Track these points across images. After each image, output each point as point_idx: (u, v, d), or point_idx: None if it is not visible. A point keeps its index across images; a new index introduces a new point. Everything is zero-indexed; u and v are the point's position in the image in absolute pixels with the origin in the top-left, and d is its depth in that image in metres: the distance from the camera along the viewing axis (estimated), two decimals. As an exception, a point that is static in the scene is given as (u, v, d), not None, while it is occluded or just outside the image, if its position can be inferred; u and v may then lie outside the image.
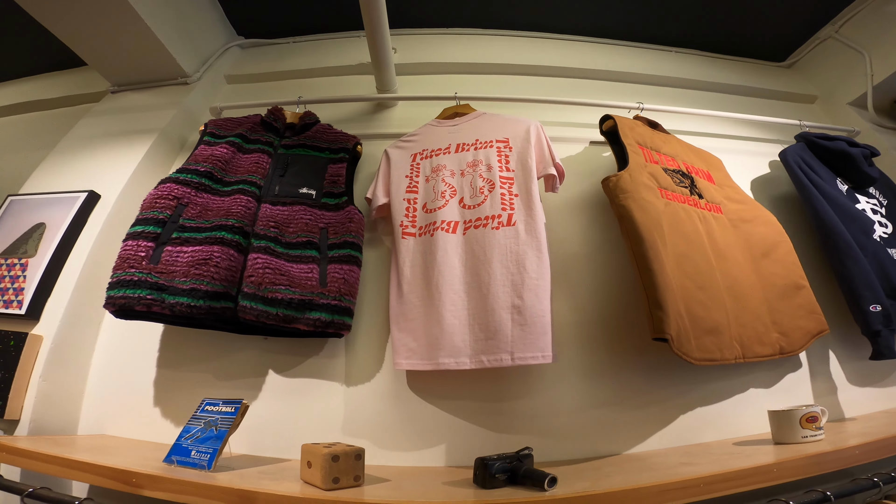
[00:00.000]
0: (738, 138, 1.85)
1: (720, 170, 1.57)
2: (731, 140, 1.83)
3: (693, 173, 1.45)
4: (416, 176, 1.35)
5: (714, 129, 1.84)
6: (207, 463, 0.90)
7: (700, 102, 1.92)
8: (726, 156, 1.66)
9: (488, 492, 0.83)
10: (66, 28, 1.58)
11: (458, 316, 1.10)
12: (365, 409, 1.20)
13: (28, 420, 1.16)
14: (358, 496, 0.81)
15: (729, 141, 1.82)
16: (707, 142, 1.74)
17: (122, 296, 1.04)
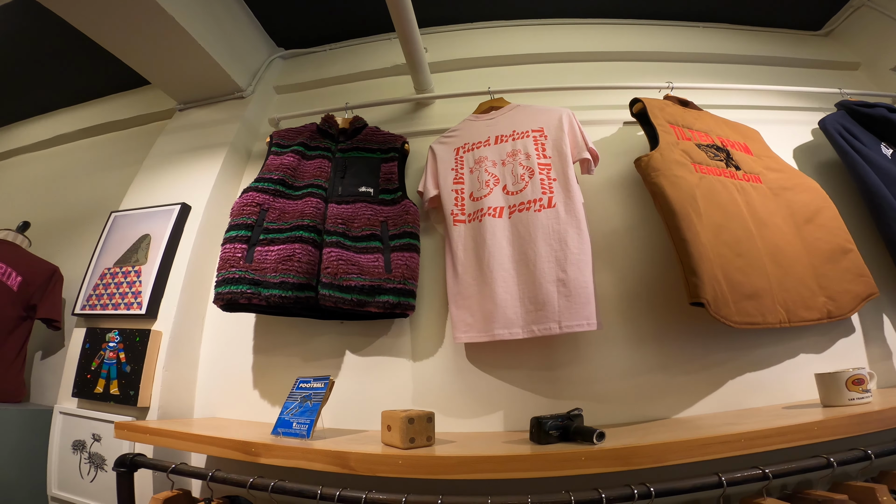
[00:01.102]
0: (777, 108, 1.90)
1: (757, 141, 1.64)
2: (769, 111, 1.88)
3: (728, 146, 1.53)
4: (460, 168, 1.52)
5: (750, 101, 1.89)
6: (307, 432, 1.10)
7: (733, 76, 1.98)
8: (765, 126, 1.73)
9: (543, 447, 0.99)
10: (131, 53, 1.79)
11: (509, 291, 1.27)
12: (430, 381, 1.40)
13: (157, 406, 1.42)
14: (430, 453, 1.00)
15: (767, 112, 1.88)
16: (744, 114, 1.80)
17: (228, 291, 1.29)
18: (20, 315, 1.75)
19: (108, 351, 1.49)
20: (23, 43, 2.12)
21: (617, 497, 0.90)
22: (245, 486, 1.05)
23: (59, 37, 2.05)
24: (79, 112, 2.54)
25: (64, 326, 1.85)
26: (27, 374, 1.83)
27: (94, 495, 1.40)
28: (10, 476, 1.52)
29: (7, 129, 2.75)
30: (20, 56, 2.20)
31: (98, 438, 1.44)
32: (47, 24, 1.92)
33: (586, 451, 0.91)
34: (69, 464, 1.47)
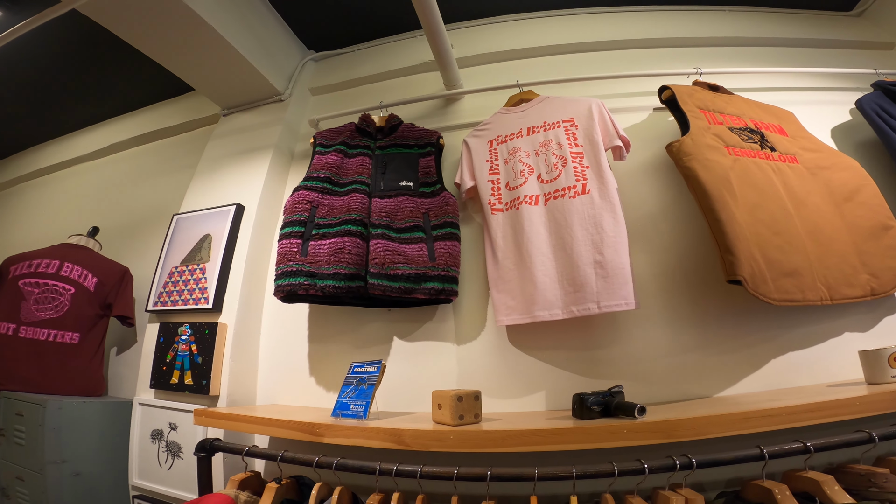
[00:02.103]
0: (811, 90, 1.87)
1: (792, 122, 1.64)
2: (802, 93, 1.86)
3: (762, 129, 1.54)
4: (495, 159, 1.58)
5: (782, 83, 1.87)
6: (363, 412, 1.19)
7: (764, 60, 1.95)
8: (799, 108, 1.71)
9: (585, 422, 1.04)
10: (176, 62, 1.90)
11: (548, 275, 1.33)
12: (474, 364, 1.48)
13: (225, 394, 1.55)
14: (478, 428, 1.07)
15: (800, 94, 1.86)
16: (776, 96, 1.79)
17: (287, 284, 1.41)
18: (97, 313, 1.92)
19: (181, 343, 1.62)
20: (74, 56, 2.27)
21: (659, 467, 0.95)
22: (311, 464, 1.14)
23: (107, 49, 2.18)
24: (129, 121, 2.71)
25: (136, 323, 2.01)
26: (104, 370, 2.00)
27: (172, 482, 1.52)
28: (95, 468, 1.66)
29: (65, 139, 2.97)
30: (73, 69, 2.36)
31: (174, 427, 1.56)
32: (95, 36, 2.03)
33: (628, 424, 0.96)
34: (148, 453, 1.60)
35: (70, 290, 1.87)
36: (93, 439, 1.69)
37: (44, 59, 2.29)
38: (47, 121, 2.87)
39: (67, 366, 1.82)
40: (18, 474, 1.61)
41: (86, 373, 1.87)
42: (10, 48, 1.81)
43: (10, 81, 2.44)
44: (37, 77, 2.42)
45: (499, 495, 1.10)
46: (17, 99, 2.61)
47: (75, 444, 1.64)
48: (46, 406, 1.59)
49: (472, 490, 1.15)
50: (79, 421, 1.67)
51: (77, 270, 1.91)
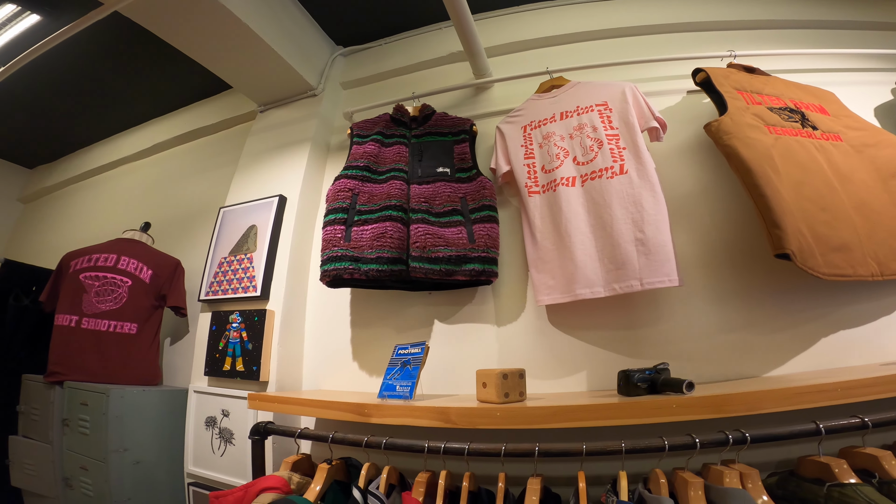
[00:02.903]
0: (851, 71, 1.78)
1: (833, 102, 1.58)
2: (841, 73, 1.77)
3: (803, 108, 1.49)
4: (530, 144, 1.58)
5: (820, 65, 1.78)
6: (409, 393, 1.21)
7: (799, 41, 1.86)
8: (840, 88, 1.64)
9: (632, 398, 1.02)
10: (215, 61, 1.95)
11: (588, 253, 1.33)
12: (515, 345, 1.49)
13: (274, 380, 1.60)
14: (523, 405, 1.08)
15: (839, 74, 1.76)
16: (814, 77, 1.71)
17: (333, 268, 1.45)
18: (153, 304, 2.01)
19: (232, 331, 1.69)
20: (116, 58, 2.36)
21: (711, 441, 0.94)
22: (361, 444, 1.18)
23: (143, 51, 2.26)
24: (170, 121, 2.81)
25: (188, 313, 2.10)
26: (160, 360, 2.09)
27: (225, 469, 1.58)
28: (153, 457, 1.73)
29: (111, 141, 3.10)
30: (115, 71, 2.45)
31: (227, 414, 1.62)
32: (133, 38, 2.12)
33: (677, 399, 0.95)
34: (202, 440, 1.66)
35: (127, 283, 1.97)
36: (151, 428, 1.76)
37: (87, 63, 2.38)
38: (93, 123, 3.00)
39: (127, 356, 1.91)
40: (82, 464, 1.68)
41: (144, 362, 1.96)
42: (55, 52, 1.90)
43: (58, 85, 2.56)
44: (82, 80, 2.52)
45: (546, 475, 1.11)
46: (65, 102, 2.73)
47: (135, 432, 1.70)
48: (109, 395, 1.66)
49: (519, 468, 1.17)
50: (138, 409, 1.74)
51: (133, 263, 2.00)
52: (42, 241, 3.17)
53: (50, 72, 2.41)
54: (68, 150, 3.37)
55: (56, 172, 3.40)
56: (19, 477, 1.93)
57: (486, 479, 1.21)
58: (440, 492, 1.08)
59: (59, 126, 3.02)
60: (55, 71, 2.42)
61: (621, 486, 0.95)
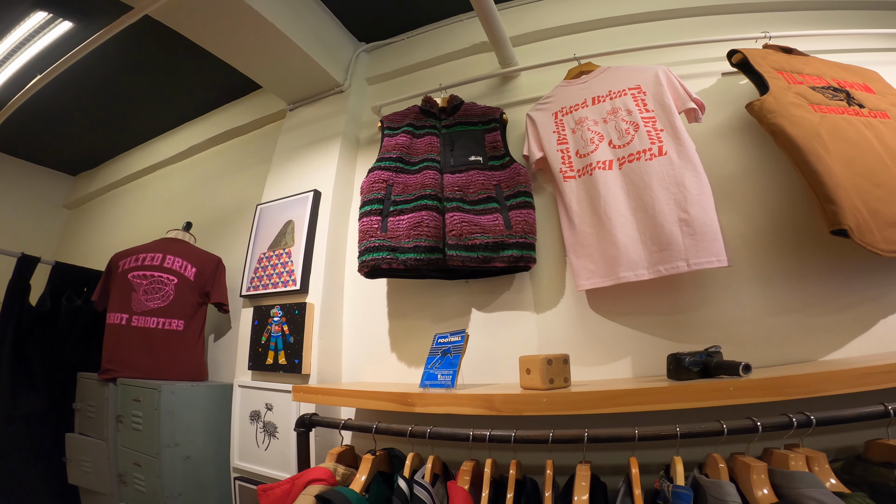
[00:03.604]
0: (891, 50, 1.64)
1: (878, 81, 1.49)
2: (883, 53, 1.64)
3: (847, 87, 1.41)
4: (562, 130, 1.55)
5: (861, 45, 1.66)
6: (451, 381, 1.19)
7: (837, 22, 1.73)
8: (883, 68, 1.53)
9: (684, 382, 0.97)
10: (244, 62, 1.97)
11: (629, 236, 1.29)
12: (555, 331, 1.46)
13: (315, 372, 1.61)
14: (569, 391, 1.05)
15: (881, 54, 1.64)
16: (855, 57, 1.59)
17: (371, 259, 1.45)
18: (198, 301, 2.06)
19: (274, 325, 1.71)
20: (148, 63, 2.41)
21: (773, 425, 0.89)
22: (405, 434, 1.17)
23: (177, 54, 2.30)
24: (203, 123, 2.87)
25: (230, 310, 2.14)
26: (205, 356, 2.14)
27: (269, 462, 1.59)
28: (201, 451, 1.76)
29: (148, 146, 3.19)
30: (148, 76, 2.51)
31: (270, 407, 1.64)
32: (166, 42, 2.15)
33: (734, 382, 0.90)
34: (247, 434, 1.68)
35: (173, 281, 2.02)
36: (199, 423, 1.79)
37: (121, 69, 2.44)
38: (130, 129, 3.09)
39: (175, 352, 1.96)
40: (136, 460, 1.72)
41: (191, 358, 2.01)
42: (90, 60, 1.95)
43: (94, 93, 2.63)
44: (116, 87, 2.59)
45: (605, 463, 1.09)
46: (101, 109, 2.81)
47: (185, 428, 1.74)
48: (161, 390, 1.70)
49: (567, 456, 1.15)
50: (188, 405, 1.77)
51: (178, 262, 2.06)
52: (88, 245, 3.29)
53: (86, 80, 2.48)
54: (108, 157, 3.48)
55: (98, 178, 3.53)
56: (76, 474, 2.00)
57: (530, 468, 1.19)
58: (486, 480, 1.07)
59: (97, 133, 3.12)
60: (91, 79, 2.49)
61: (677, 471, 0.91)
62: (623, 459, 1.15)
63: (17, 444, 2.02)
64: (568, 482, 1.10)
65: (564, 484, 1.11)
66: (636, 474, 0.96)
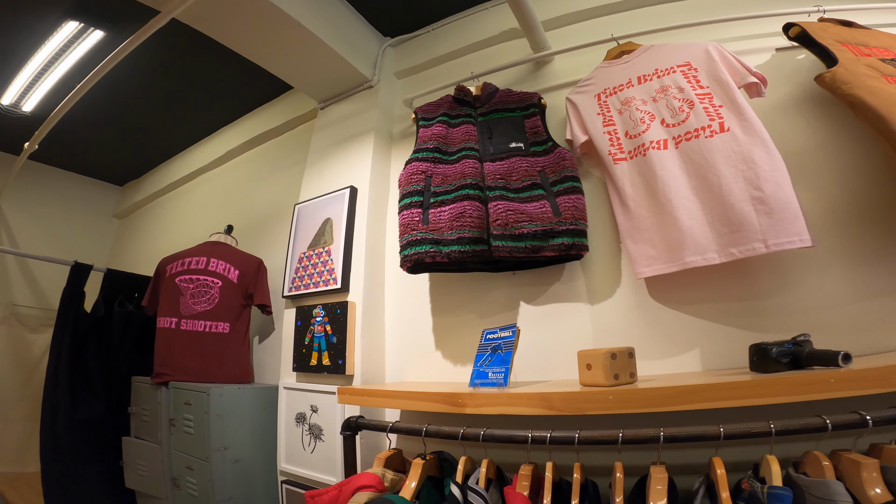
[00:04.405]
0: None
1: None
2: None
3: None
4: (607, 111, 1.44)
5: None
6: (503, 379, 1.11)
7: None
8: None
9: (771, 375, 0.86)
10: (274, 63, 1.95)
11: (693, 217, 1.16)
12: (612, 323, 1.34)
13: (359, 373, 1.56)
14: (635, 387, 0.94)
15: None
16: None
17: (414, 253, 1.38)
18: (242, 303, 2.05)
19: (317, 325, 1.66)
20: (183, 72, 2.42)
21: (884, 419, 0.78)
22: (456, 437, 1.08)
23: (209, 60, 2.30)
24: (237, 128, 2.86)
25: (273, 311, 2.12)
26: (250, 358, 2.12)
27: (315, 465, 1.54)
28: (249, 455, 1.72)
29: (188, 153, 3.22)
30: (185, 84, 2.52)
31: (315, 409, 1.59)
32: (198, 49, 2.16)
33: (834, 373, 0.78)
34: (293, 437, 1.64)
35: (218, 284, 2.01)
36: (247, 426, 1.76)
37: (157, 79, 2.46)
38: (170, 137, 3.12)
39: (222, 355, 1.95)
40: (188, 464, 1.71)
41: (237, 361, 1.99)
42: (127, 71, 1.96)
43: (133, 104, 2.66)
44: (154, 97, 2.62)
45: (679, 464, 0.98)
46: (141, 119, 2.85)
47: (234, 431, 1.71)
48: (210, 393, 1.68)
49: (637, 456, 1.04)
50: (236, 408, 1.74)
51: (221, 265, 2.05)
52: (138, 253, 3.36)
53: (125, 91, 2.52)
54: (151, 166, 3.55)
55: (143, 187, 3.61)
56: (132, 478, 2.01)
57: (598, 470, 1.10)
58: (547, 485, 0.98)
59: (139, 143, 3.17)
60: (130, 90, 2.52)
61: (772, 471, 0.81)
62: (690, 458, 1.04)
63: (77, 448, 2.06)
64: (637, 485, 1.01)
65: (633, 486, 1.01)
66: (722, 475, 0.85)
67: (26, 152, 2.26)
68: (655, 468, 0.93)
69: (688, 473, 1.01)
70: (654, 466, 0.94)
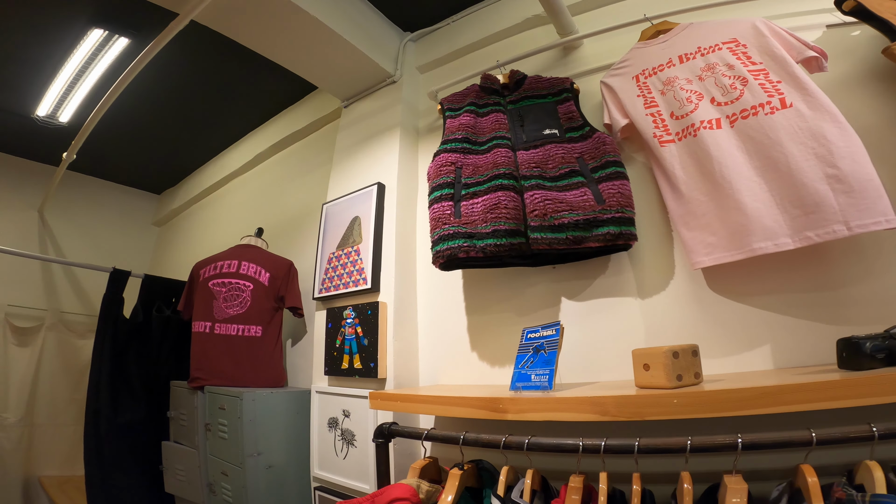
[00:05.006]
0: None
1: None
2: None
3: None
4: (648, 93, 1.33)
5: None
6: (548, 382, 0.99)
7: None
8: None
9: (866, 373, 0.74)
10: (298, 63, 1.91)
11: (760, 199, 1.03)
12: (666, 318, 1.21)
13: (392, 377, 1.47)
14: (702, 389, 0.82)
15: None
16: None
17: (447, 248, 1.27)
18: (273, 306, 2.00)
19: (347, 327, 1.59)
20: (210, 78, 2.41)
21: None
22: (498, 445, 0.98)
23: (233, 66, 2.29)
24: (265, 131, 2.84)
25: (304, 314, 2.07)
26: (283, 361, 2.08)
27: (348, 472, 1.47)
28: (282, 460, 1.66)
29: (220, 158, 3.23)
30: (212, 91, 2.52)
31: (347, 414, 1.52)
32: (222, 55, 2.15)
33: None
34: (326, 442, 1.57)
35: (249, 287, 1.98)
36: (280, 431, 1.70)
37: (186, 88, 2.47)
38: (202, 144, 3.15)
39: (255, 358, 1.91)
40: (223, 469, 1.67)
41: (270, 364, 1.94)
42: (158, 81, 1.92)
43: (165, 113, 2.68)
44: (184, 106, 2.63)
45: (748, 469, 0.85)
46: (174, 128, 2.87)
47: (266, 436, 1.65)
48: (243, 398, 1.63)
49: (706, 463, 0.91)
50: (268, 412, 1.69)
51: (252, 268, 2.01)
52: (177, 259, 3.38)
53: (157, 101, 2.54)
54: (186, 173, 3.58)
55: (179, 195, 3.64)
56: (172, 483, 1.99)
57: (659, 478, 0.99)
58: (601, 499, 0.87)
59: (174, 151, 3.20)
60: (161, 99, 2.53)
61: (875, 478, 0.69)
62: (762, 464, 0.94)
63: (119, 453, 2.06)
64: (706, 494, 0.89)
65: (702, 495, 0.89)
66: (815, 484, 0.72)
67: (65, 162, 2.29)
68: (731, 478, 0.80)
69: (759, 480, 0.90)
70: (730, 476, 0.81)
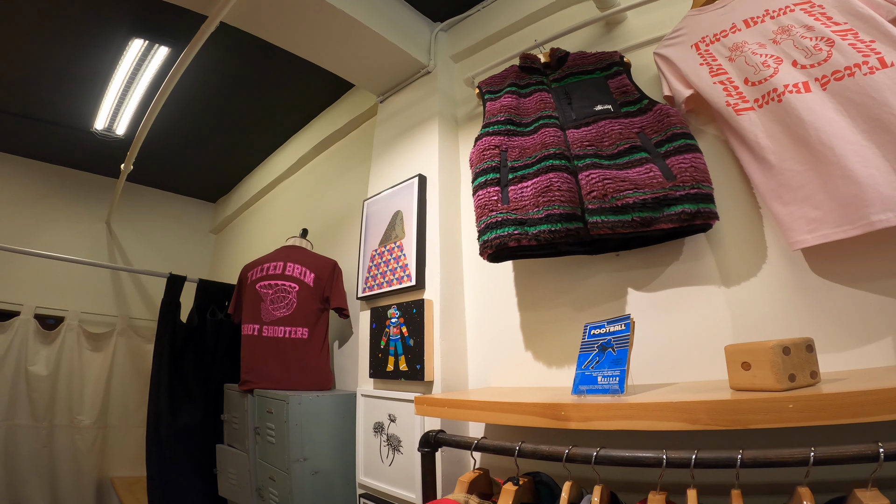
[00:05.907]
0: None
1: None
2: None
3: None
4: (713, 60, 1.15)
5: None
6: (619, 385, 0.84)
7: None
8: None
9: None
10: (333, 61, 1.85)
11: (873, 165, 0.83)
12: (758, 309, 1.00)
13: (439, 379, 1.34)
14: (820, 391, 0.65)
15: None
16: None
17: (495, 237, 1.12)
18: (319, 307, 1.93)
19: (392, 327, 1.48)
20: (250, 84, 2.39)
21: None
22: (560, 458, 0.83)
23: (270, 69, 2.25)
24: (306, 134, 2.81)
25: (350, 314, 1.99)
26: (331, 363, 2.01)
27: (393, 479, 1.36)
28: (328, 465, 1.58)
29: (267, 164, 3.24)
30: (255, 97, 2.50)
31: (393, 419, 1.41)
32: (259, 60, 2.12)
33: None
34: (372, 448, 1.46)
35: (295, 288, 1.92)
36: (326, 435, 1.62)
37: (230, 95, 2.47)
38: (249, 150, 3.16)
39: (302, 361, 1.84)
40: (271, 474, 1.61)
41: (317, 367, 1.87)
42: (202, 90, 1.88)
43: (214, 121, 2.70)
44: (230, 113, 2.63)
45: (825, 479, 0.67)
46: (223, 136, 2.90)
47: (313, 441, 1.58)
48: (289, 402, 1.56)
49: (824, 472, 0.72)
50: (314, 416, 1.61)
51: (298, 269, 1.96)
52: (232, 265, 3.41)
53: (201, 110, 2.56)
54: (236, 181, 3.63)
55: (231, 202, 3.70)
56: (224, 486, 1.96)
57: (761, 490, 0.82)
58: (690, 520, 0.70)
59: (222, 159, 3.25)
60: (205, 108, 2.55)
61: None
62: None
63: (178, 456, 2.06)
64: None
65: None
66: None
67: (124, 174, 2.34)
68: (865, 493, 0.62)
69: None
70: (861, 490, 0.63)
